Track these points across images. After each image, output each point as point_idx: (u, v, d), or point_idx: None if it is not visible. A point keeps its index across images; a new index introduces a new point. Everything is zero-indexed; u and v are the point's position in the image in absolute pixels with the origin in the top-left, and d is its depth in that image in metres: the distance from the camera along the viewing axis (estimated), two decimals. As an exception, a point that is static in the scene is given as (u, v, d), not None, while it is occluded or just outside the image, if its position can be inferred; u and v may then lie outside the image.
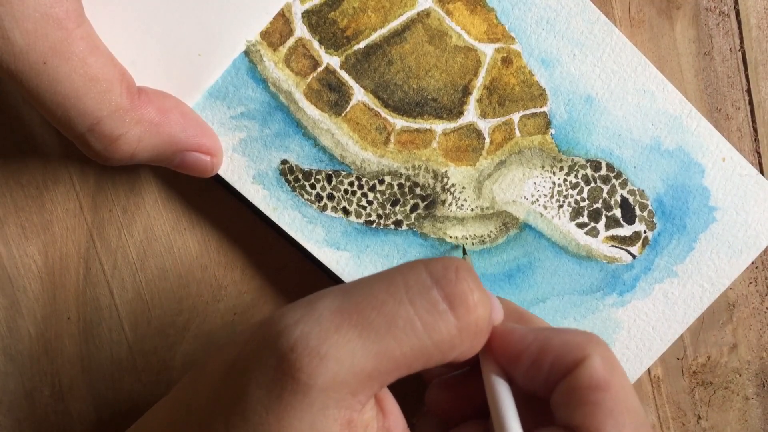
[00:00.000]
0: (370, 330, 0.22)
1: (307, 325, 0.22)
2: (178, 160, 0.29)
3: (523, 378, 0.25)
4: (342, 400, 0.22)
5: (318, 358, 0.22)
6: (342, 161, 0.32)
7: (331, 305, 0.23)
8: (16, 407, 0.33)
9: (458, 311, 0.23)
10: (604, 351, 0.25)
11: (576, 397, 0.24)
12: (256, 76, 0.31)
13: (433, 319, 0.23)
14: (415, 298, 0.23)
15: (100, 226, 0.32)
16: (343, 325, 0.22)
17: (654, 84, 0.33)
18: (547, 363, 0.25)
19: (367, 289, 0.23)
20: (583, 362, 0.24)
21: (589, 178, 0.34)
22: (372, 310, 0.23)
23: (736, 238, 0.35)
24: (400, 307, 0.23)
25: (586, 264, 0.35)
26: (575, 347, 0.24)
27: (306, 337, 0.22)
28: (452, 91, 0.32)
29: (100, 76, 0.25)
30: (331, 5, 0.31)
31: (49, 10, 0.24)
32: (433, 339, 0.23)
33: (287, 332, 0.22)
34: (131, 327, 0.33)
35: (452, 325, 0.23)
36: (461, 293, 0.23)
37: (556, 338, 0.25)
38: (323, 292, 0.24)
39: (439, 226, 0.33)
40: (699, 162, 0.34)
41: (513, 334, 0.26)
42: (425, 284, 0.23)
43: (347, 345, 0.22)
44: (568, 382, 0.24)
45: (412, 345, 0.23)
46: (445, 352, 0.24)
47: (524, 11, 0.32)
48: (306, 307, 0.23)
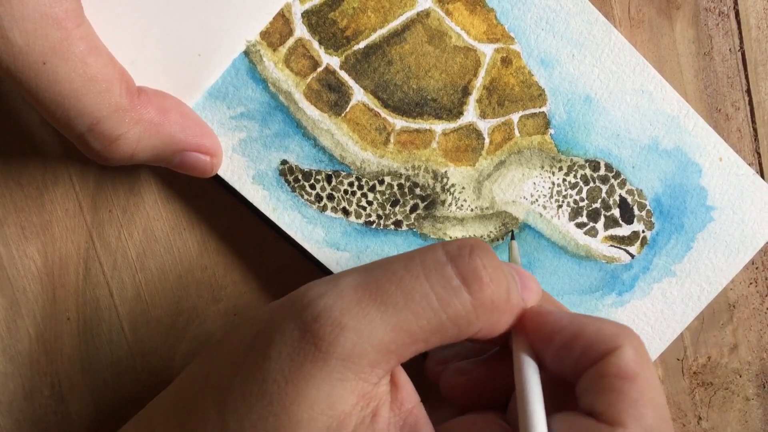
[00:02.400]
0: (388, 303, 0.23)
1: (330, 297, 0.23)
2: (177, 160, 0.29)
3: (552, 359, 0.26)
4: (360, 371, 0.23)
5: (339, 328, 0.23)
6: (342, 161, 0.32)
7: (353, 281, 0.24)
8: (15, 408, 0.33)
9: (472, 287, 0.24)
10: (638, 344, 0.25)
11: (602, 384, 0.24)
12: (256, 76, 0.31)
13: (448, 294, 0.24)
14: (431, 274, 0.24)
15: (99, 227, 0.32)
16: (363, 298, 0.23)
17: (652, 84, 0.33)
18: (579, 348, 0.25)
19: (387, 267, 0.24)
20: (614, 351, 0.24)
21: (587, 178, 0.34)
22: (390, 284, 0.24)
23: (734, 237, 0.35)
24: (417, 282, 0.24)
25: (585, 264, 0.35)
26: (609, 336, 0.25)
27: (329, 309, 0.23)
28: (452, 92, 0.32)
29: (99, 76, 0.25)
30: (331, 5, 0.31)
31: (49, 10, 0.24)
32: (448, 314, 0.24)
33: (312, 304, 0.23)
34: (131, 327, 0.33)
35: (467, 300, 0.24)
36: (474, 270, 0.24)
37: (591, 325, 0.25)
38: (347, 270, 0.25)
39: (439, 226, 0.33)
40: (696, 162, 0.34)
41: (549, 315, 0.26)
42: (440, 261, 0.24)
43: (366, 317, 0.23)
44: (597, 369, 0.24)
45: (428, 319, 0.24)
46: (462, 328, 0.24)
47: (524, 11, 0.32)
48: (330, 283, 0.24)
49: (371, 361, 0.23)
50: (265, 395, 0.23)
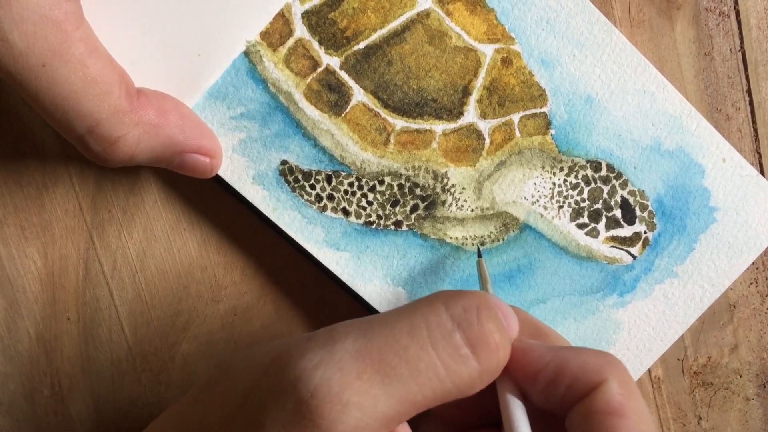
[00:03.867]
0: (392, 376, 0.22)
1: (328, 370, 0.22)
2: (177, 161, 0.29)
3: (538, 396, 0.25)
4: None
5: (340, 405, 0.22)
6: (342, 162, 0.32)
7: (351, 348, 0.23)
8: (16, 408, 0.33)
9: (481, 356, 0.23)
10: (622, 374, 0.24)
11: (591, 421, 0.24)
12: (256, 76, 0.31)
13: (456, 363, 0.23)
14: (438, 342, 0.23)
15: (99, 227, 0.32)
16: (365, 371, 0.22)
17: (654, 84, 0.33)
18: (564, 384, 0.25)
19: (388, 331, 0.23)
20: (600, 386, 0.24)
21: (589, 178, 0.34)
22: (394, 355, 0.23)
23: (737, 238, 0.35)
24: (423, 352, 0.23)
25: (587, 265, 0.35)
26: (593, 370, 0.24)
27: (327, 383, 0.22)
28: (452, 92, 0.32)
29: (99, 78, 0.25)
30: (331, 6, 0.31)
31: (48, 12, 0.24)
32: (454, 382, 0.23)
33: (306, 376, 0.22)
34: (131, 328, 0.33)
35: (474, 369, 0.23)
36: (483, 336, 0.23)
37: (574, 359, 0.25)
38: (341, 330, 0.24)
39: (439, 226, 0.33)
40: (699, 162, 0.34)
41: (532, 352, 0.26)
42: (447, 327, 0.23)
43: (370, 392, 0.22)
44: (584, 405, 0.24)
45: (433, 389, 0.23)
46: (464, 392, 0.24)
47: (524, 11, 0.32)
48: (324, 348, 0.23)
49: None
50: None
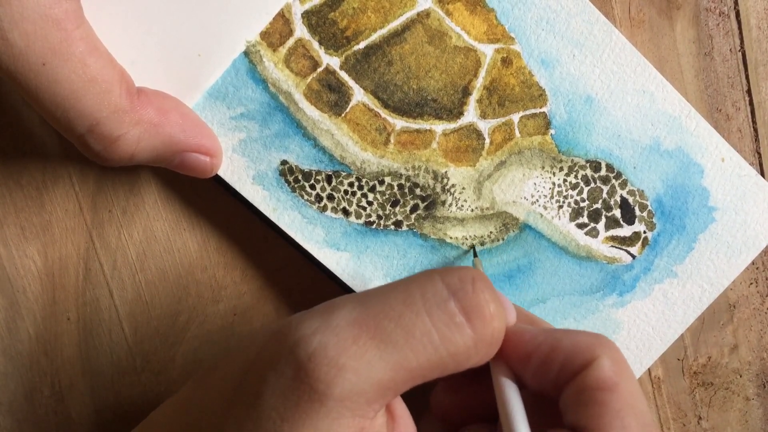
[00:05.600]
0: (387, 342, 0.23)
1: (325, 335, 0.23)
2: (177, 160, 0.29)
3: (532, 378, 0.26)
4: (357, 409, 0.22)
5: (336, 369, 0.22)
6: (342, 162, 0.32)
7: (348, 316, 0.23)
8: (16, 408, 0.33)
9: (475, 324, 0.23)
10: (614, 353, 0.25)
11: (583, 397, 0.24)
12: (256, 76, 0.31)
13: (450, 331, 0.23)
14: (433, 310, 0.23)
15: (99, 227, 0.32)
16: (361, 336, 0.23)
17: (653, 84, 0.33)
18: (557, 364, 0.25)
19: (384, 300, 0.24)
20: (591, 363, 0.24)
21: (588, 178, 0.34)
22: (389, 321, 0.23)
23: (735, 238, 0.35)
24: (418, 319, 0.23)
25: (586, 264, 0.35)
26: (585, 349, 0.25)
27: (324, 347, 0.22)
28: (452, 92, 0.32)
29: (99, 77, 0.25)
30: (331, 6, 0.31)
31: (48, 11, 0.24)
32: (449, 351, 0.23)
33: (305, 342, 0.23)
34: (131, 328, 0.33)
35: (468, 337, 0.23)
36: (478, 305, 0.24)
37: (566, 339, 0.25)
38: (339, 301, 0.24)
39: (439, 226, 0.33)
40: (698, 162, 0.34)
41: (524, 334, 0.26)
42: (442, 296, 0.24)
43: (365, 356, 0.22)
44: (577, 383, 0.24)
45: (428, 356, 0.23)
46: (460, 363, 0.24)
47: (524, 11, 0.32)
48: (323, 317, 0.23)
49: (369, 399, 0.23)
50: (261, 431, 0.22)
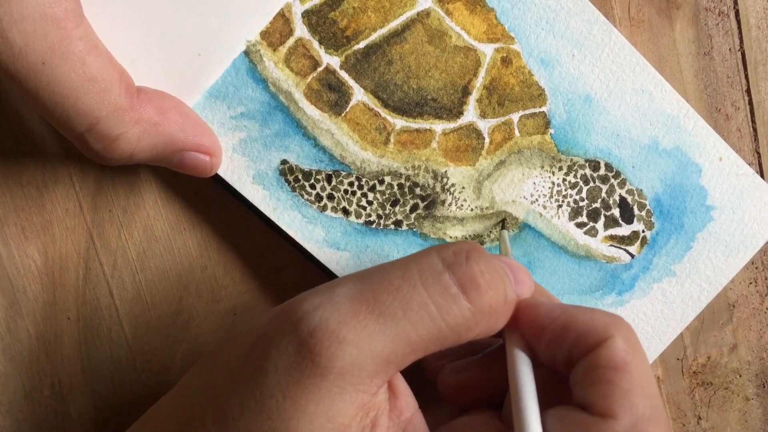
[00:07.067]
0: (386, 315, 0.23)
1: (326, 310, 0.23)
2: (177, 160, 0.29)
3: (545, 352, 0.26)
4: (359, 383, 0.23)
5: (337, 342, 0.22)
6: (342, 161, 0.32)
7: (348, 292, 0.24)
8: (16, 407, 0.33)
9: (470, 294, 0.24)
10: (628, 333, 0.25)
11: (594, 375, 0.24)
12: (256, 76, 0.31)
13: (446, 302, 0.24)
14: (428, 282, 0.24)
15: (99, 227, 0.32)
16: (360, 310, 0.23)
17: (652, 84, 0.33)
18: (571, 339, 0.25)
19: (383, 275, 0.24)
20: (605, 342, 0.24)
21: (587, 177, 0.34)
22: (388, 295, 0.23)
23: (733, 237, 0.35)
24: (414, 292, 0.23)
25: (585, 264, 0.35)
26: (600, 327, 0.25)
27: (325, 322, 0.23)
28: (452, 91, 0.32)
29: (98, 76, 0.25)
30: (331, 5, 0.31)
31: (48, 10, 0.24)
32: (447, 322, 0.24)
33: (307, 318, 0.23)
34: (131, 327, 0.33)
35: (465, 307, 0.24)
36: (472, 276, 0.24)
37: (581, 316, 0.25)
38: (341, 280, 0.25)
39: (439, 226, 0.33)
40: (696, 162, 0.34)
41: (541, 307, 0.26)
42: (437, 269, 0.24)
43: (365, 329, 0.23)
44: (588, 360, 0.24)
45: (427, 328, 0.23)
46: (461, 334, 0.24)
47: (524, 11, 0.32)
48: (324, 294, 0.24)
49: (370, 373, 0.23)
50: (263, 410, 0.23)
